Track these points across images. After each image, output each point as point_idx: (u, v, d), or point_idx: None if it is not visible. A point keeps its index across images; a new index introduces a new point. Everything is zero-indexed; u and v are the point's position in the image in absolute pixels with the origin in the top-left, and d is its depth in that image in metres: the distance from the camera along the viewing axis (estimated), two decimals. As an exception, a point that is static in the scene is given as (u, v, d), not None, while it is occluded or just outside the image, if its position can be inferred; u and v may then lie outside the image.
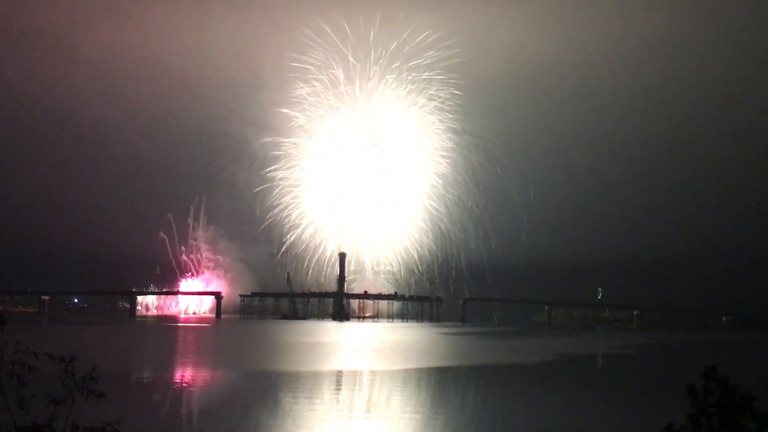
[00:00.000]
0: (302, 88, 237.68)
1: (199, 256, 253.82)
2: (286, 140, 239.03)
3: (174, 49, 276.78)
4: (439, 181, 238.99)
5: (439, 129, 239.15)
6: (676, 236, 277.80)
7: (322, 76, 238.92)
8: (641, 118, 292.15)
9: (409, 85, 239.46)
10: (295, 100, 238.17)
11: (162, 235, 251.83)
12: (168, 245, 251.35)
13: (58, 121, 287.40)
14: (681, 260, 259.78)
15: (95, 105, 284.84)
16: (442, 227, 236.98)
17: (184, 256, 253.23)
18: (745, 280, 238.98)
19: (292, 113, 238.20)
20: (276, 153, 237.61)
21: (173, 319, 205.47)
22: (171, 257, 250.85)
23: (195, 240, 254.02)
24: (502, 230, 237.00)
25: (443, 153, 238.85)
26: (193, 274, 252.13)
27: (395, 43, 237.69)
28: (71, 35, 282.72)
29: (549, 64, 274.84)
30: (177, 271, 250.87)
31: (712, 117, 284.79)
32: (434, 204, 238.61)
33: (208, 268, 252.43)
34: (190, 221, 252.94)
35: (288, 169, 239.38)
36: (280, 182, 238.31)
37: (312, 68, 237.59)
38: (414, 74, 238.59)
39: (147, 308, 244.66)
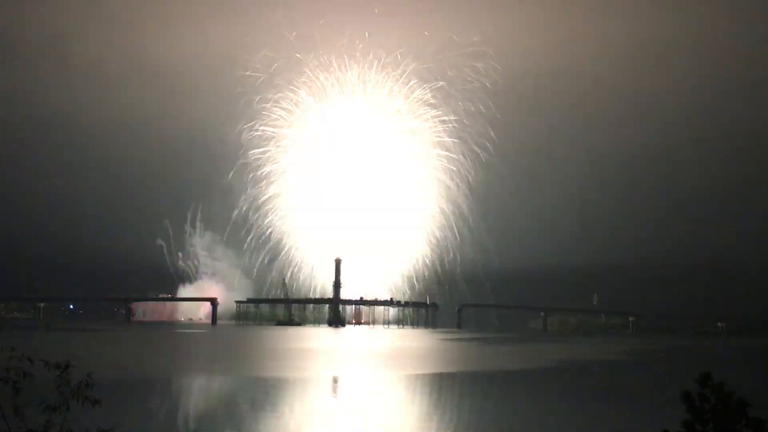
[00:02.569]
0: (298, 92, 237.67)
1: (195, 262, 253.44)
2: (281, 146, 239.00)
3: (169, 56, 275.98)
4: (435, 187, 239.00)
5: (434, 135, 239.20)
6: (672, 243, 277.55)
7: (318, 80, 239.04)
8: (640, 125, 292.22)
9: (405, 91, 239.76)
10: (292, 104, 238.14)
11: (159, 241, 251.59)
12: (165, 252, 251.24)
13: (53, 127, 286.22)
14: (677, 267, 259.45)
15: (90, 112, 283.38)
16: (438, 233, 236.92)
17: (180, 263, 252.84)
18: (741, 287, 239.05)
19: (289, 118, 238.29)
20: (272, 158, 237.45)
21: (169, 325, 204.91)
22: (168, 263, 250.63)
23: (192, 246, 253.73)
24: (497, 237, 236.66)
25: (439, 159, 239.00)
26: (189, 281, 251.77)
27: (390, 48, 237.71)
28: (65, 43, 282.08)
29: (544, 70, 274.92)
30: (174, 277, 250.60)
31: (711, 125, 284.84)
32: (430, 210, 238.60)
33: (204, 274, 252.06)
34: (187, 228, 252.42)
35: (285, 174, 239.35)
36: (278, 188, 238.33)
37: (306, 73, 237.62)
38: (411, 80, 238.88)
39: (143, 314, 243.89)
